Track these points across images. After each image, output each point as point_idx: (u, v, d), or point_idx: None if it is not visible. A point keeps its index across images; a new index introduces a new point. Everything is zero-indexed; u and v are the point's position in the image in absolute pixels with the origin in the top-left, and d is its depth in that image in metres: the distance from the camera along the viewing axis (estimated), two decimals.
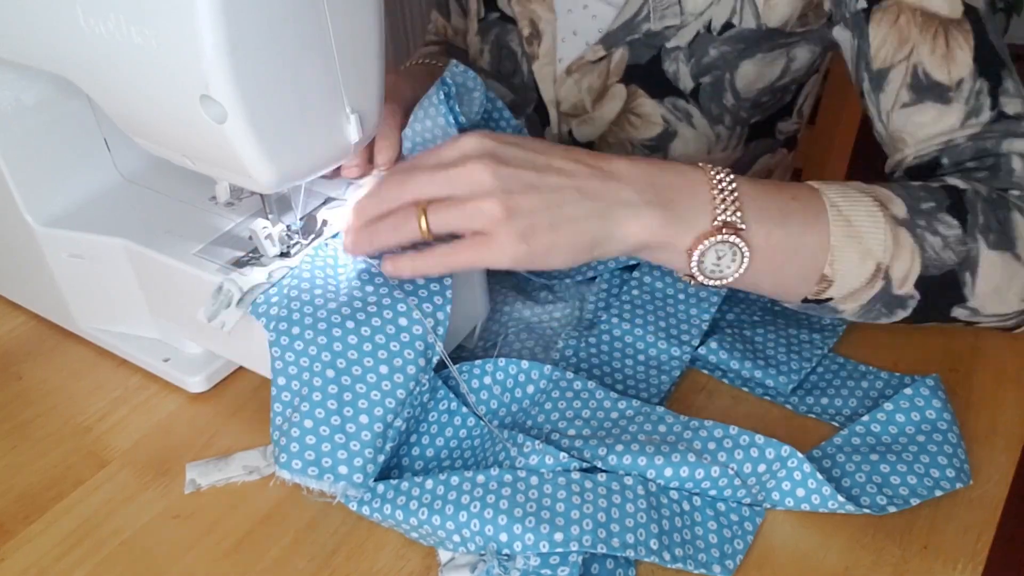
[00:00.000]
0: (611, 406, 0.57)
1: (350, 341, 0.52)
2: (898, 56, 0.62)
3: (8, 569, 0.53)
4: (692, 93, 0.78)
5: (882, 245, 0.53)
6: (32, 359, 0.68)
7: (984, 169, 0.60)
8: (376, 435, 0.52)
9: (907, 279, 0.54)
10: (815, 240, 0.53)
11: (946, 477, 0.53)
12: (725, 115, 0.80)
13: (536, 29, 0.82)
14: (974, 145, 0.60)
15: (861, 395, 0.61)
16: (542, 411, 0.58)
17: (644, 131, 0.82)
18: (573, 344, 0.63)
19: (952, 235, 0.54)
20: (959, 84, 0.60)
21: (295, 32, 0.46)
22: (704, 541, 0.51)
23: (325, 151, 0.52)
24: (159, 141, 0.53)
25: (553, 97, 0.84)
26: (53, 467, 0.59)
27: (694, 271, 0.53)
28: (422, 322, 0.53)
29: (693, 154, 0.83)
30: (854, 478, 0.54)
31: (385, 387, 0.52)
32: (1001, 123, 0.60)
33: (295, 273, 0.56)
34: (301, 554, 0.53)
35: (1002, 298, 0.56)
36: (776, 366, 0.61)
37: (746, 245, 0.52)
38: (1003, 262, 0.55)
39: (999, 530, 0.53)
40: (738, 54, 0.75)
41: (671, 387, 0.62)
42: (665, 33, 0.76)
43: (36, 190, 0.63)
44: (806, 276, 0.54)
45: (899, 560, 0.51)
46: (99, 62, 0.49)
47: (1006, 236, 0.55)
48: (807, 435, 0.59)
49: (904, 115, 0.63)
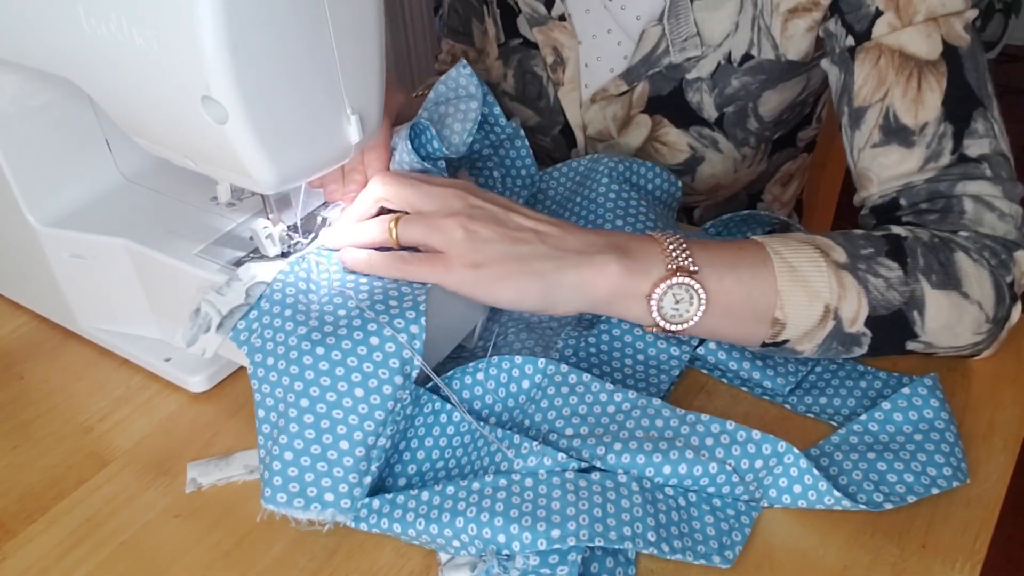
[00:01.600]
0: (607, 399, 0.57)
1: (321, 367, 0.52)
2: (875, 96, 0.64)
3: (9, 569, 0.53)
4: (717, 121, 0.79)
5: (827, 287, 0.55)
6: (34, 359, 0.68)
7: (936, 212, 0.62)
8: (359, 459, 0.52)
9: (857, 319, 0.56)
10: (764, 285, 0.56)
11: (943, 475, 0.53)
12: (750, 137, 0.81)
13: (560, 56, 0.82)
14: (928, 188, 0.62)
15: (860, 395, 0.61)
16: (539, 409, 0.58)
17: (671, 158, 0.84)
18: (572, 344, 0.63)
19: (893, 276, 0.56)
20: (923, 128, 0.62)
21: (296, 33, 0.46)
22: (702, 534, 0.51)
23: (326, 151, 0.52)
24: (160, 142, 0.54)
25: (580, 122, 0.85)
26: (54, 467, 0.59)
27: (655, 316, 0.55)
28: (394, 338, 0.52)
29: (720, 175, 0.85)
30: (851, 476, 0.54)
31: (363, 410, 0.51)
32: (959, 166, 0.62)
33: (270, 294, 0.55)
34: (302, 553, 0.53)
35: (953, 333, 0.58)
36: (774, 367, 0.62)
37: (701, 287, 0.55)
38: (949, 301, 0.57)
39: (997, 529, 0.53)
40: (760, 85, 0.76)
41: (670, 386, 0.62)
42: (685, 65, 0.77)
43: (38, 190, 0.63)
44: (760, 319, 0.56)
45: (897, 559, 0.51)
46: (100, 63, 0.49)
47: (950, 277, 0.57)
48: (806, 434, 0.59)
49: (872, 155, 0.65)
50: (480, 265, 0.54)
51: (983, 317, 0.58)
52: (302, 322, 0.53)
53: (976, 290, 0.58)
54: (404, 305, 0.54)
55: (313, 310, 0.54)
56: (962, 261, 0.58)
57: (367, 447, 0.52)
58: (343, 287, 0.55)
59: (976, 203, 0.61)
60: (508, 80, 0.88)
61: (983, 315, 0.58)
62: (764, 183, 0.90)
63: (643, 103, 0.80)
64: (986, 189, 0.61)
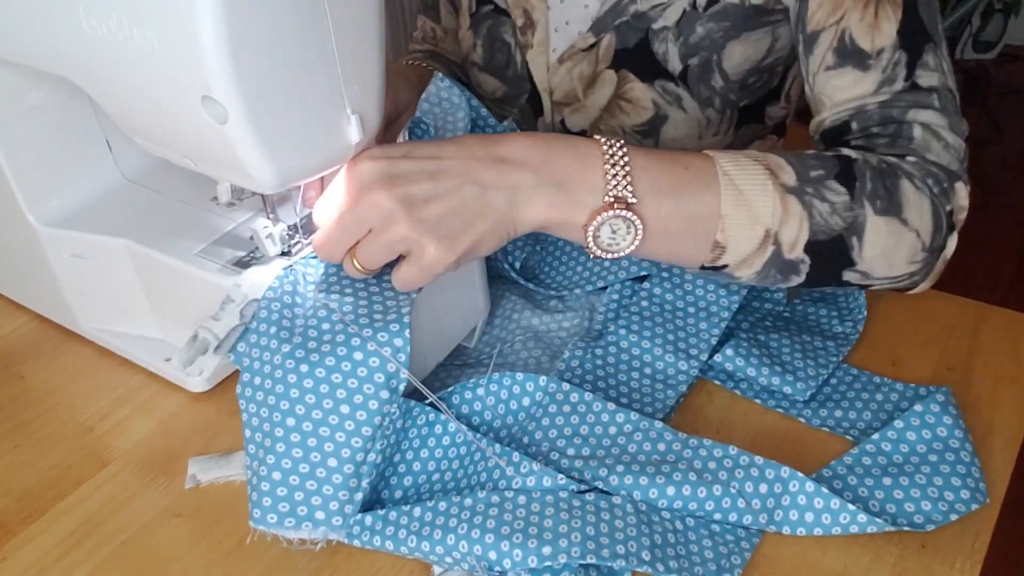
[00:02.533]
0: (609, 419, 0.57)
1: (306, 385, 0.51)
2: (830, 20, 0.65)
3: (9, 568, 0.53)
4: (681, 76, 0.80)
5: (771, 212, 0.55)
6: (34, 359, 0.68)
7: (886, 136, 0.63)
8: (349, 475, 0.51)
9: (796, 244, 0.56)
10: (707, 209, 0.55)
11: (960, 499, 0.52)
12: (715, 97, 0.81)
13: (530, 19, 0.83)
14: (881, 112, 0.63)
15: (876, 408, 0.60)
16: (539, 426, 0.57)
17: (635, 117, 0.83)
18: (579, 355, 0.63)
19: (840, 201, 0.56)
20: (879, 53, 0.63)
21: (296, 33, 0.46)
22: (700, 556, 0.51)
23: (326, 152, 0.52)
24: (160, 142, 0.54)
25: (547, 86, 0.85)
26: (54, 467, 0.59)
27: (590, 245, 0.55)
28: (378, 352, 0.52)
29: (683, 139, 0.84)
30: (867, 504, 0.53)
31: (350, 426, 0.51)
32: (911, 93, 0.63)
33: (261, 313, 0.55)
34: (302, 553, 0.53)
35: (890, 262, 0.58)
36: (793, 372, 0.61)
37: (638, 218, 0.54)
38: (889, 227, 0.57)
39: (997, 529, 0.53)
40: (724, 33, 0.77)
41: (676, 402, 0.62)
42: (651, 14, 0.77)
43: (38, 191, 0.64)
44: (699, 244, 0.56)
45: (897, 559, 0.51)
46: (101, 63, 0.49)
47: (893, 202, 0.58)
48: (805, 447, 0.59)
49: (825, 78, 0.65)
50: (452, 240, 0.52)
51: (920, 245, 0.58)
52: (286, 339, 0.53)
53: (916, 217, 0.58)
54: (388, 318, 0.53)
55: (298, 325, 0.54)
56: (906, 187, 0.58)
57: (356, 463, 0.51)
58: (328, 299, 0.55)
59: (925, 131, 0.62)
60: (477, 50, 0.89)
61: (920, 243, 0.58)
62: None
63: (610, 57, 0.81)
64: (935, 119, 0.62)
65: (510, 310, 0.68)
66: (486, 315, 0.65)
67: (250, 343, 0.54)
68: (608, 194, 0.54)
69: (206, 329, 0.55)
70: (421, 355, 0.59)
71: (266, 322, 0.54)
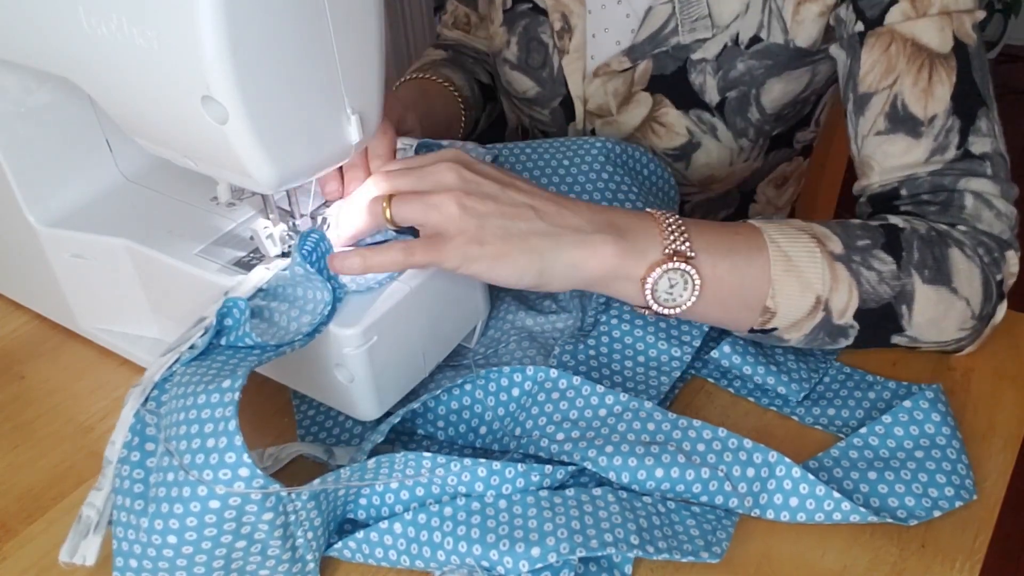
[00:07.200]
0: (598, 402, 0.57)
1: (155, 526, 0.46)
2: (883, 83, 0.64)
3: (9, 568, 0.53)
4: (718, 107, 0.79)
5: (821, 279, 0.55)
6: (34, 359, 0.68)
7: (937, 204, 0.62)
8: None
9: (846, 311, 0.56)
10: (757, 273, 0.55)
11: (944, 496, 0.53)
12: (749, 129, 0.81)
13: (568, 23, 0.82)
14: (932, 180, 0.63)
15: (868, 406, 0.60)
16: (529, 416, 0.57)
17: (667, 140, 0.83)
18: (570, 349, 0.63)
19: (887, 270, 0.57)
20: (932, 120, 0.62)
21: (296, 33, 0.46)
22: (686, 535, 0.51)
23: (326, 151, 0.53)
24: (160, 141, 0.54)
25: (582, 93, 0.84)
26: (54, 466, 0.59)
27: (648, 300, 0.55)
28: (227, 494, 0.46)
29: (715, 164, 0.84)
30: (851, 497, 0.53)
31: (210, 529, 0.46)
32: (964, 162, 0.62)
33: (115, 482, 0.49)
34: None
35: (939, 328, 0.59)
36: (788, 372, 0.61)
37: (697, 273, 0.54)
38: (938, 296, 0.57)
39: (997, 529, 0.53)
40: (766, 71, 0.76)
41: (672, 388, 0.62)
42: (692, 46, 0.76)
43: (38, 190, 0.64)
44: (750, 307, 0.56)
45: (897, 559, 0.51)
46: (101, 63, 0.49)
47: (942, 271, 0.58)
48: (802, 441, 0.59)
49: (876, 143, 0.65)
50: (480, 242, 0.52)
51: (969, 313, 0.59)
52: (140, 494, 0.48)
53: (966, 286, 0.58)
54: (220, 445, 0.46)
55: (152, 482, 0.48)
56: (956, 256, 0.58)
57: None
58: (169, 431, 0.48)
59: (976, 199, 0.62)
60: (511, 47, 0.87)
61: (969, 311, 0.59)
62: (757, 182, 0.90)
63: (645, 81, 0.80)
64: (987, 187, 0.62)
65: (504, 311, 0.68)
66: (486, 315, 0.65)
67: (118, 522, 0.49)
68: (667, 248, 0.54)
69: (90, 505, 0.50)
70: (421, 355, 0.59)
71: (121, 493, 0.49)
